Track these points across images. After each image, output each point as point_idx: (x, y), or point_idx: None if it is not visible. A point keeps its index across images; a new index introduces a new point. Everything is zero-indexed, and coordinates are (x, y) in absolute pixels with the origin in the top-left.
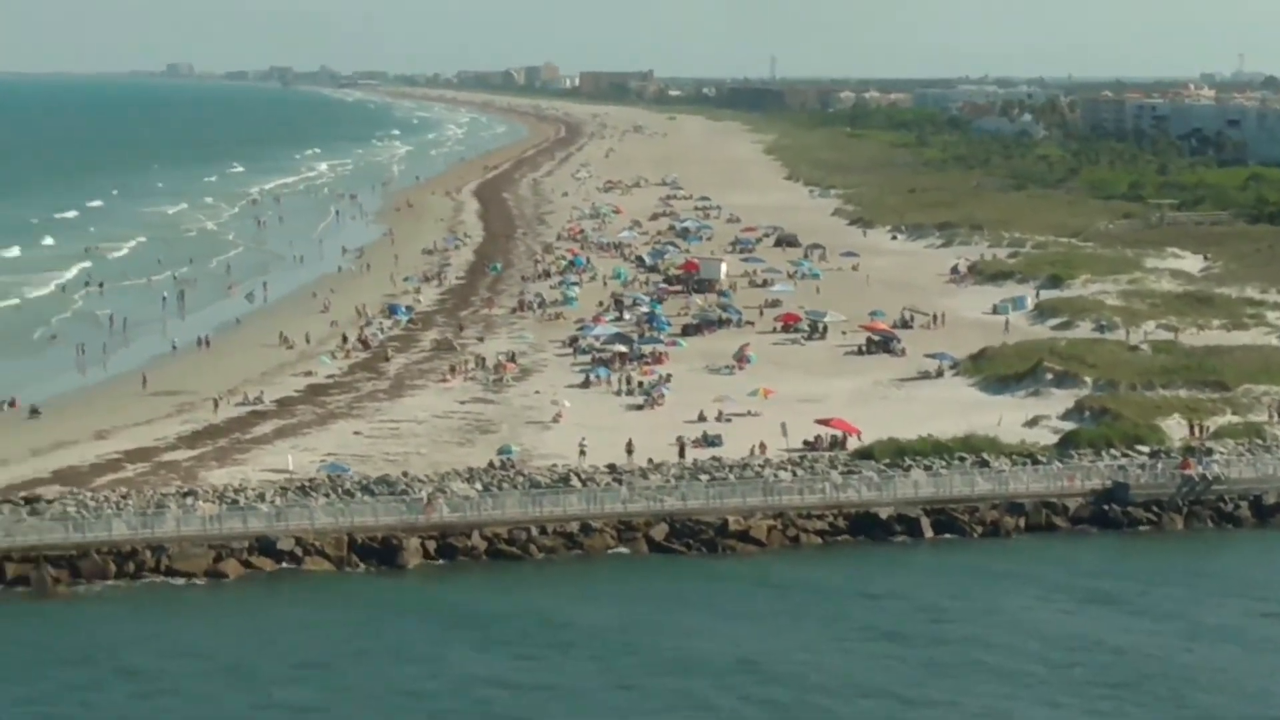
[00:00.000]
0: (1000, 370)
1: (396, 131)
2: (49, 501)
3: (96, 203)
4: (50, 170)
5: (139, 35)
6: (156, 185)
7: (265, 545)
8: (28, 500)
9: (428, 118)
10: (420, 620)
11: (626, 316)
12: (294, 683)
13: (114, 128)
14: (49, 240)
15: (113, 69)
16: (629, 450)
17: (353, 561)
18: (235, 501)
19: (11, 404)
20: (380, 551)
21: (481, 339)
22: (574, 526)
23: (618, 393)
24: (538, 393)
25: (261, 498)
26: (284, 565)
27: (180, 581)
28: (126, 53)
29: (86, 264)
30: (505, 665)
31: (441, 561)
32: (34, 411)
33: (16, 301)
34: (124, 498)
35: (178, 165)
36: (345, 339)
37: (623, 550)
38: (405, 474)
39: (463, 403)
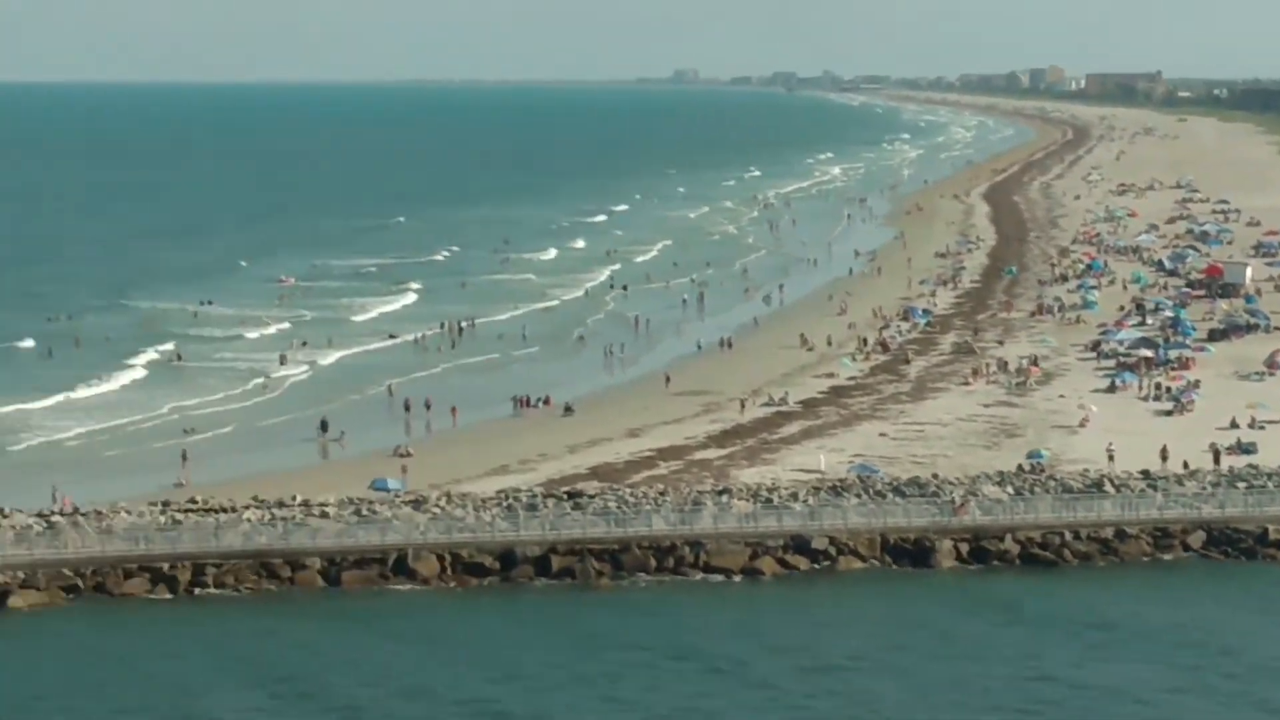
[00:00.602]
0: None
1: (906, 135)
2: (590, 497)
3: (622, 207)
4: (576, 175)
5: (646, 43)
6: (677, 190)
7: (800, 544)
8: (570, 495)
9: (934, 121)
10: (965, 617)
11: (1149, 321)
12: (874, 673)
13: (630, 133)
14: (580, 243)
15: (621, 76)
16: (1163, 456)
17: (885, 561)
18: (769, 500)
19: (545, 402)
20: (912, 552)
21: (1001, 342)
22: (1108, 532)
23: (1144, 398)
24: (1062, 397)
25: (795, 497)
26: (818, 564)
27: (717, 578)
28: (634, 60)
29: (615, 266)
30: (1062, 663)
31: (974, 565)
32: (568, 410)
33: (554, 303)
34: (661, 494)
35: (695, 170)
36: (865, 341)
37: (1164, 557)
38: (935, 476)
39: (986, 406)
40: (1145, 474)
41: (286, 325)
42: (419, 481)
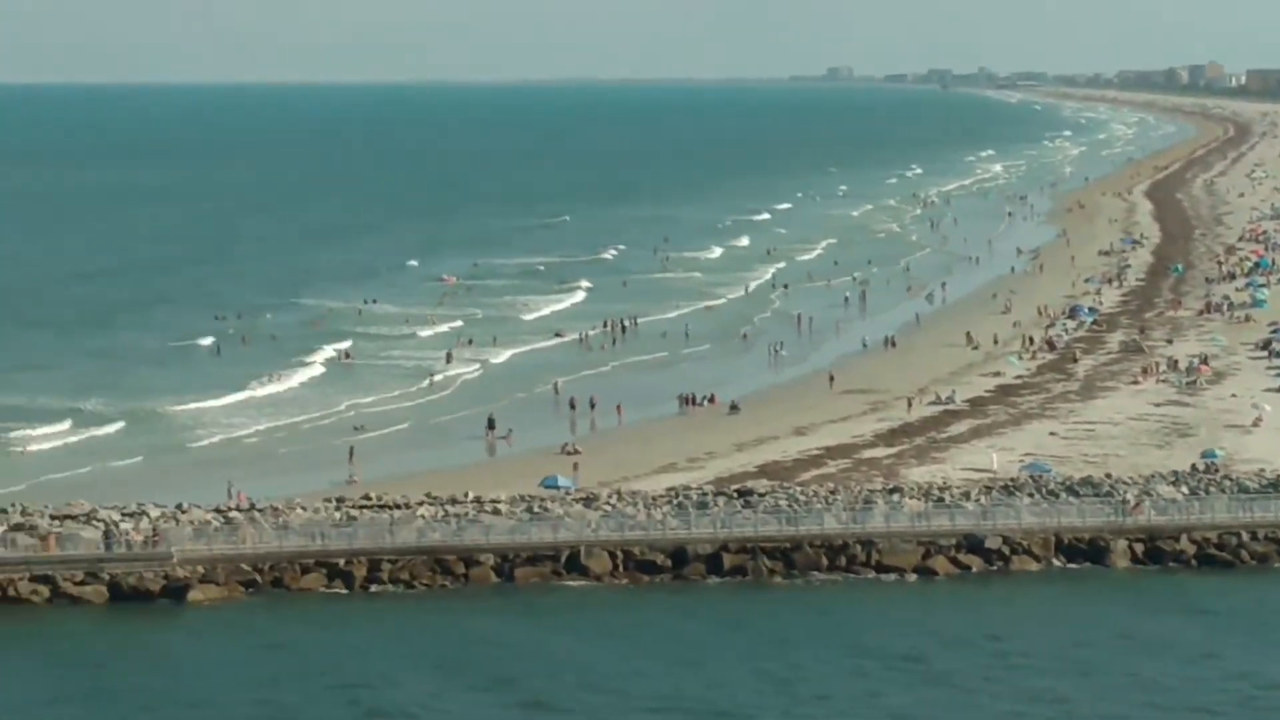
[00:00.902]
0: None
1: (1067, 132)
2: (760, 495)
3: (784, 205)
4: (737, 173)
5: (801, 40)
6: (839, 188)
7: (973, 543)
8: (740, 494)
9: (1094, 118)
10: (1143, 616)
11: None
12: (1057, 672)
13: (788, 131)
14: (744, 241)
15: (775, 74)
16: None
17: (1059, 561)
18: (940, 499)
19: (710, 400)
20: (1086, 552)
21: (1170, 341)
22: None
23: None
24: (1234, 396)
25: (966, 496)
26: (991, 564)
27: (890, 577)
28: (789, 58)
29: (779, 264)
30: (1246, 662)
31: (1149, 565)
32: (733, 408)
33: (718, 301)
34: (831, 493)
35: (856, 168)
36: (1031, 340)
37: None
38: (1107, 475)
39: (1157, 405)
40: None
41: (457, 323)
42: (588, 479)
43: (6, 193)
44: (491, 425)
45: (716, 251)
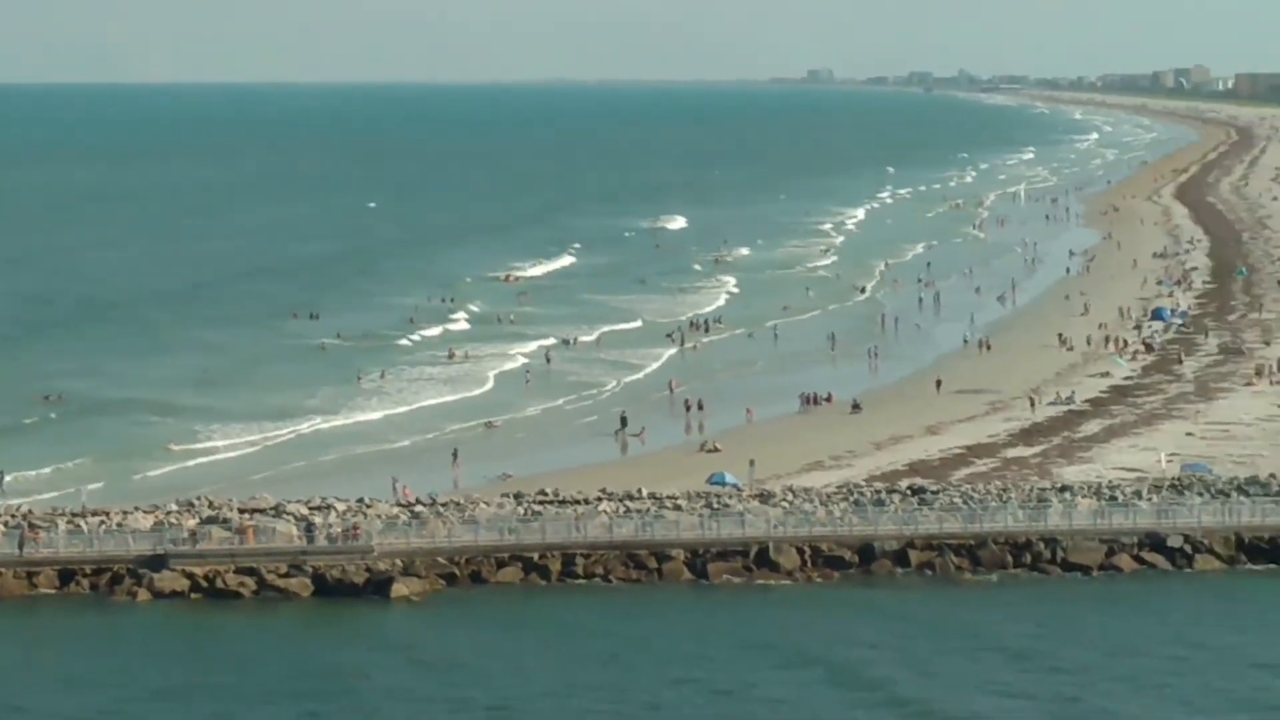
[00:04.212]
0: None
1: (1094, 135)
2: (934, 492)
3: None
4: (797, 173)
5: (780, 43)
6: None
7: (1155, 541)
8: (914, 490)
9: (1094, 121)
10: None
11: None
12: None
13: (819, 131)
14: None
15: (754, 76)
16: None
17: (1241, 560)
18: (1113, 498)
19: (828, 399)
20: (1269, 552)
21: (1268, 343)
22: None
23: None
24: None
25: (1138, 495)
26: (1175, 563)
27: (1076, 574)
28: (768, 60)
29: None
30: None
31: None
32: (856, 407)
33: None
34: (1004, 491)
35: (907, 167)
36: (1125, 342)
37: None
38: (1273, 476)
39: None
40: None
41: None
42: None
43: None
44: (624, 423)
45: (745, 251)
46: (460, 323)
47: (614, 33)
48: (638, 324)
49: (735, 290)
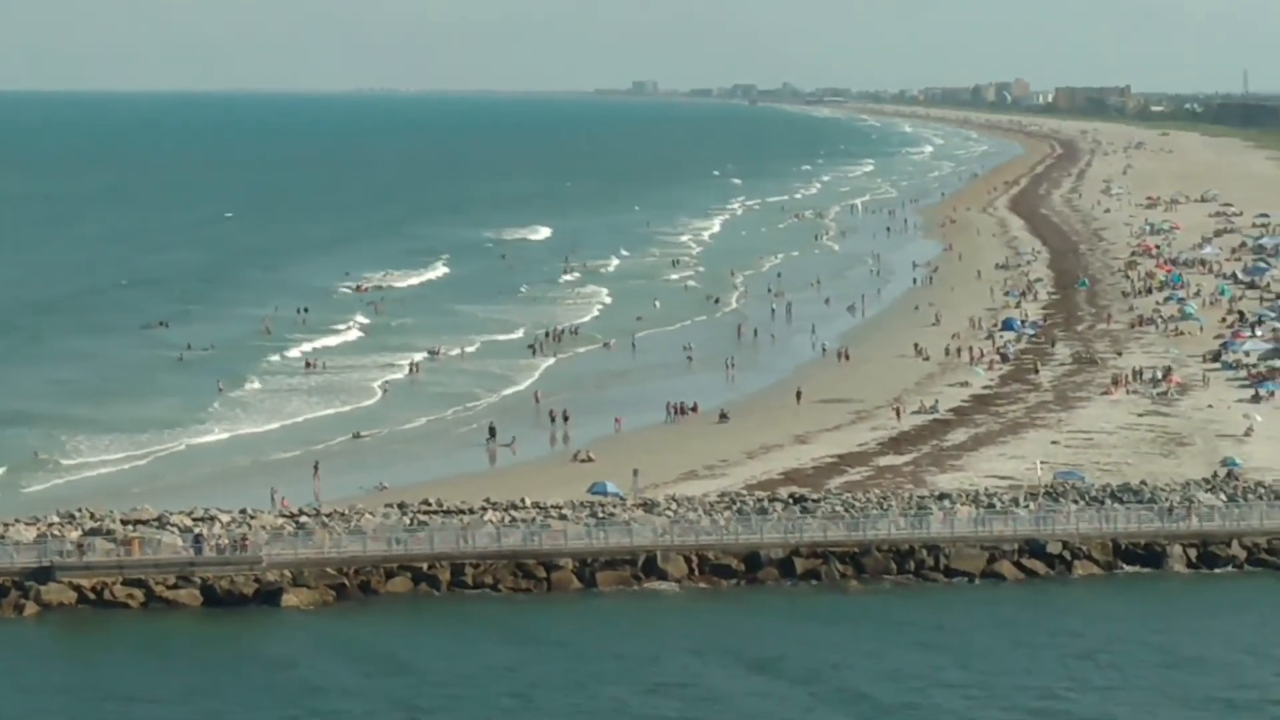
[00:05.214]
0: None
1: (928, 148)
2: (815, 501)
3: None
4: (639, 183)
5: (605, 54)
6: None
7: (1035, 548)
8: (796, 499)
9: (924, 134)
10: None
11: (1259, 332)
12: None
13: (670, 144)
14: (655, 252)
15: (579, 87)
16: None
17: (1118, 565)
18: (991, 505)
19: (694, 408)
20: (1143, 557)
21: (1120, 353)
22: None
23: None
24: (1210, 406)
25: (1015, 502)
26: (1054, 568)
27: (958, 580)
28: (592, 72)
29: (689, 274)
30: None
31: (1203, 569)
32: (723, 416)
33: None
34: (884, 499)
35: (753, 179)
36: (982, 352)
37: None
38: (1144, 482)
39: (1140, 415)
40: None
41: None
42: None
43: None
44: (493, 434)
45: (614, 263)
46: (317, 333)
47: (431, 41)
48: (503, 335)
49: (608, 300)
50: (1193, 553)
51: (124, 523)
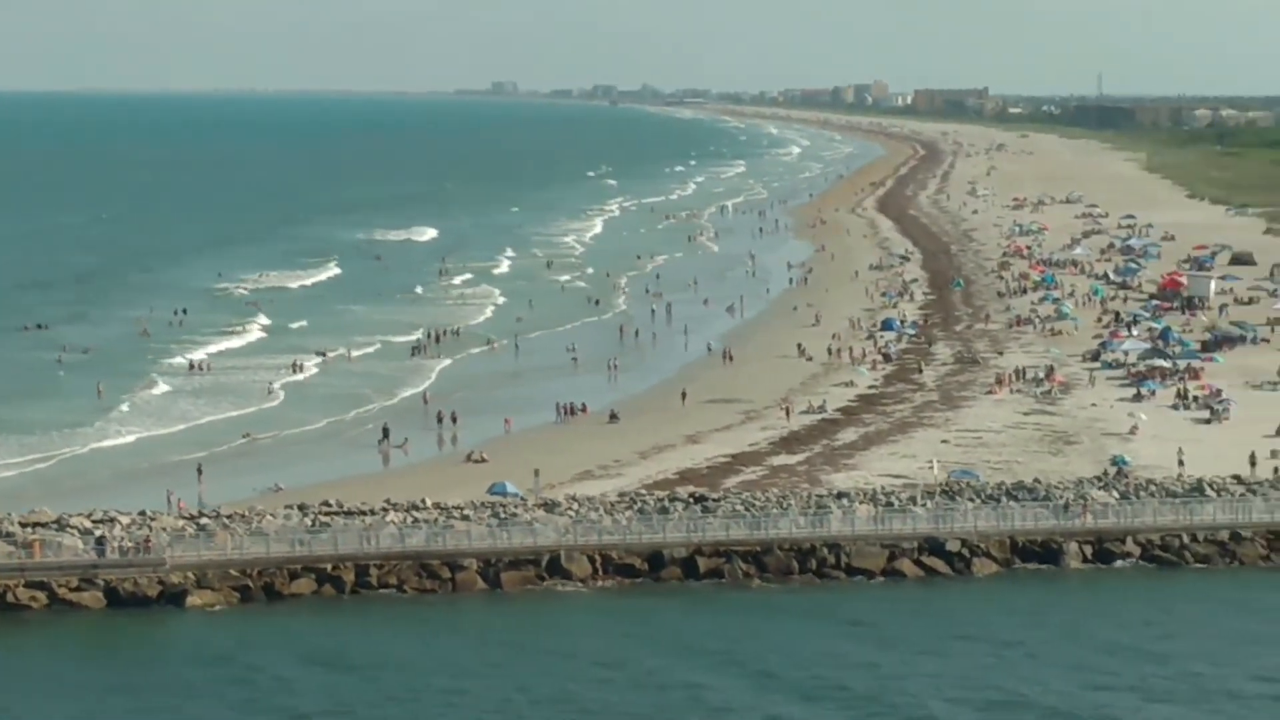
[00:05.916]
0: None
1: (796, 149)
2: (716, 500)
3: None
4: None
5: (465, 55)
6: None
7: (934, 546)
8: (696, 499)
9: (789, 135)
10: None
11: (1135, 332)
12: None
13: (525, 144)
14: (537, 253)
15: (439, 88)
16: (1252, 462)
17: (1015, 562)
18: (890, 503)
19: (583, 409)
20: (1040, 554)
21: (1000, 353)
22: (1223, 535)
23: (1174, 406)
24: (1094, 405)
25: (914, 501)
26: (954, 566)
27: (859, 578)
28: (451, 72)
29: (564, 277)
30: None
31: (1099, 565)
32: (613, 417)
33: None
34: (784, 498)
35: (627, 180)
36: (864, 352)
37: None
38: (1037, 480)
39: (1026, 415)
40: (1237, 479)
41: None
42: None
43: None
44: (386, 434)
45: (504, 265)
46: (197, 335)
47: (288, 41)
48: (391, 337)
49: (501, 301)
50: (1088, 549)
51: (22, 525)
